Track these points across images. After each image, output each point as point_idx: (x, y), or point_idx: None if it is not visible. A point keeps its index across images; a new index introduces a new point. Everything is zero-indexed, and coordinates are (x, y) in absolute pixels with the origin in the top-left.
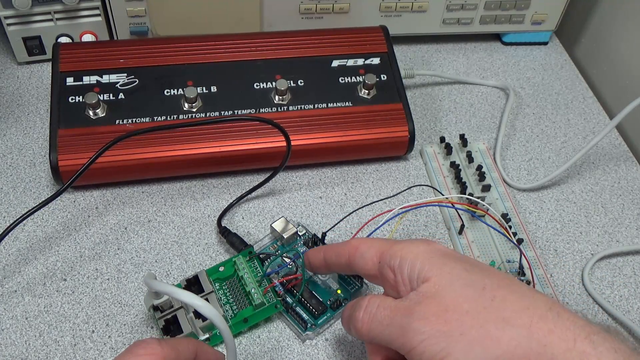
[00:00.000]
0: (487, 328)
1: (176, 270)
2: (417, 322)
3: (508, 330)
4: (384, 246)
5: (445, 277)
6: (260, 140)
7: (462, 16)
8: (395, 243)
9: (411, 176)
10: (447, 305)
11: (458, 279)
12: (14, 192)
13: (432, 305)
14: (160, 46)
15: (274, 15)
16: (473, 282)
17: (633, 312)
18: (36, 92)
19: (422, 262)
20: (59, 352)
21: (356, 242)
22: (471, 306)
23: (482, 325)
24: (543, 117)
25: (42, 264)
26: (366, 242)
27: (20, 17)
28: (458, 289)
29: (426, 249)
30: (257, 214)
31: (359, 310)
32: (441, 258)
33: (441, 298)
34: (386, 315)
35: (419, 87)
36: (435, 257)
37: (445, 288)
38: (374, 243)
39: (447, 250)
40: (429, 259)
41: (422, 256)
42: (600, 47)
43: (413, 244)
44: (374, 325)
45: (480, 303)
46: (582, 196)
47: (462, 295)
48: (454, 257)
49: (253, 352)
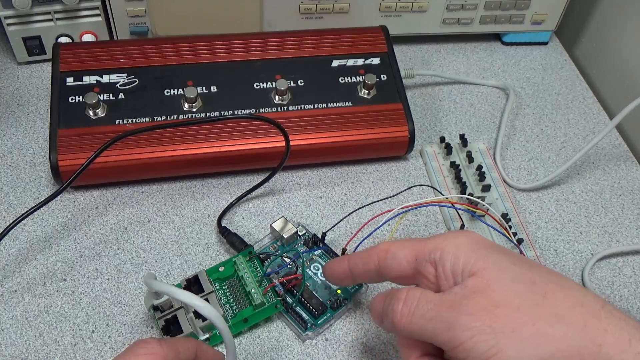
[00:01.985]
0: (540, 325)
1: (176, 270)
2: (465, 317)
3: (562, 327)
4: (417, 243)
5: (493, 271)
6: (260, 140)
7: (462, 16)
8: (430, 238)
9: (411, 176)
10: (497, 300)
11: (506, 273)
12: (14, 192)
13: (481, 299)
14: (160, 46)
15: (274, 15)
16: (522, 277)
17: (633, 312)
18: (36, 92)
19: (466, 254)
20: (59, 352)
21: (384, 246)
22: (522, 302)
23: (535, 322)
24: (543, 117)
25: (42, 264)
26: (396, 243)
27: (20, 17)
28: (507, 283)
29: (467, 240)
30: (257, 214)
31: (397, 303)
32: (485, 249)
33: (490, 292)
34: (429, 309)
35: (419, 87)
36: (479, 249)
37: (493, 282)
38: (405, 243)
39: (488, 242)
40: (474, 251)
41: (465, 248)
42: (600, 47)
43: (453, 235)
44: (415, 319)
45: (531, 299)
46: (582, 196)
47: (512, 290)
48: (498, 249)
49: (253, 352)
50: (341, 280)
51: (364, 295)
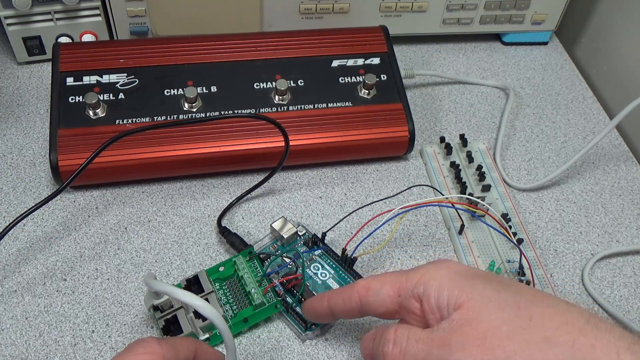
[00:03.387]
0: (530, 351)
1: (176, 270)
2: (457, 354)
3: (552, 350)
4: (398, 278)
5: (478, 301)
6: (260, 140)
7: (462, 16)
8: (411, 271)
9: (411, 176)
10: (484, 331)
11: (491, 301)
12: (14, 192)
13: (469, 333)
14: (160, 46)
15: (274, 15)
16: (507, 302)
17: (633, 312)
18: (36, 92)
19: (450, 287)
20: (59, 352)
21: (364, 283)
22: (510, 329)
23: (525, 349)
24: (543, 117)
25: (42, 264)
26: (376, 279)
27: (20, 17)
28: (493, 312)
29: (449, 272)
30: (257, 214)
31: (387, 345)
32: (468, 280)
33: (477, 324)
34: (420, 349)
35: (419, 87)
36: (461, 280)
37: (479, 313)
38: (386, 278)
39: (469, 270)
40: (456, 283)
41: (448, 280)
42: (600, 47)
43: (434, 267)
44: (407, 358)
45: (518, 324)
46: (582, 196)
47: (498, 318)
48: (480, 276)
49: (253, 352)
50: (321, 318)
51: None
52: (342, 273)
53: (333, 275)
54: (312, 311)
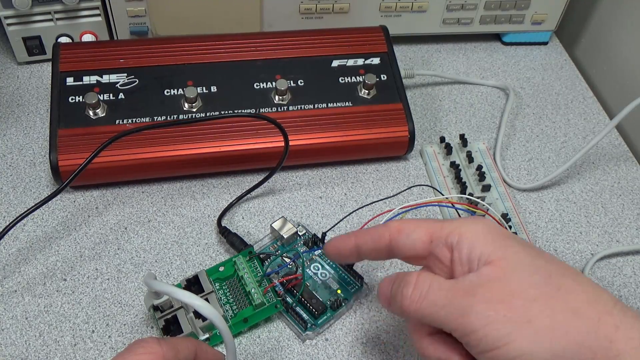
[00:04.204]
0: (555, 318)
1: (176, 270)
2: (480, 305)
3: (576, 322)
4: (433, 225)
5: (510, 261)
6: (260, 140)
7: (462, 16)
8: (448, 221)
9: (411, 176)
10: (512, 290)
11: (523, 264)
12: (14, 192)
13: (496, 289)
14: (160, 46)
15: (274, 15)
16: (539, 269)
17: None
18: (36, 92)
19: (484, 242)
20: (59, 352)
21: (398, 224)
22: (538, 293)
23: (550, 315)
24: (543, 117)
25: (42, 264)
26: (410, 222)
27: (20, 17)
28: (524, 274)
29: (486, 228)
30: (257, 214)
31: (407, 287)
32: (503, 239)
33: (506, 282)
34: (442, 296)
35: (419, 87)
36: (497, 238)
37: (510, 272)
38: (420, 223)
39: (506, 232)
40: (492, 240)
41: (483, 236)
42: (600, 47)
43: (472, 221)
44: (426, 304)
45: (547, 291)
46: (582, 196)
47: (528, 282)
48: (515, 239)
49: (253, 352)
50: (345, 257)
51: (364, 295)
52: (342, 273)
53: (333, 275)
54: (336, 249)
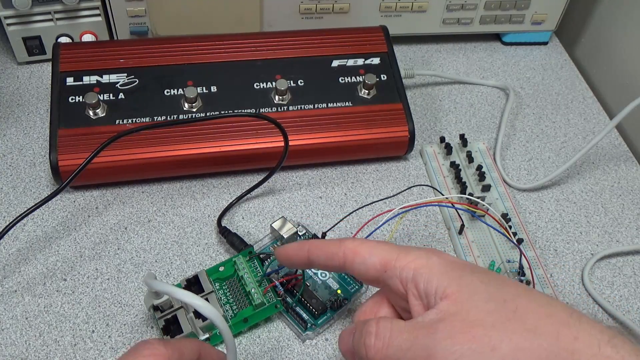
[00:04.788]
0: (516, 340)
1: (176, 270)
2: (445, 342)
3: (536, 340)
4: (388, 254)
5: (465, 293)
6: (260, 140)
7: (462, 16)
8: (402, 251)
9: (411, 176)
10: (472, 321)
11: (477, 293)
12: (14, 192)
13: (456, 322)
14: (160, 46)
15: (274, 15)
16: (492, 295)
17: (633, 312)
18: (36, 92)
19: (439, 277)
20: (59, 352)
21: (353, 246)
22: (496, 320)
23: (511, 338)
24: (543, 117)
25: (42, 264)
26: (366, 246)
27: (20, 17)
28: (480, 303)
29: (439, 262)
30: (257, 214)
31: (370, 337)
32: (456, 271)
33: (465, 314)
34: (405, 339)
35: (419, 87)
36: (450, 271)
37: (466, 304)
38: (376, 250)
39: (458, 261)
40: (446, 274)
41: (437, 270)
42: (600, 47)
43: (425, 255)
44: (391, 351)
45: (504, 315)
46: (582, 196)
47: (484, 310)
48: (468, 268)
49: (253, 352)
50: (294, 265)
51: (364, 295)
52: (342, 273)
53: (333, 275)
54: (287, 257)
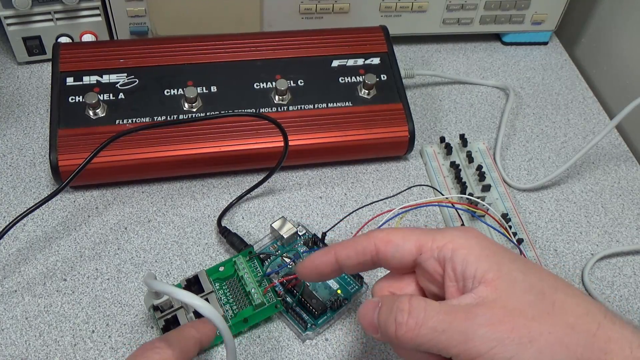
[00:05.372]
0: (555, 334)
1: (176, 270)
2: (483, 328)
3: (575, 336)
4: (423, 236)
5: (505, 280)
6: (260, 140)
7: (462, 16)
8: (437, 233)
9: (411, 176)
10: (511, 310)
11: (517, 283)
12: (14, 192)
13: (496, 310)
14: (160, 46)
15: (274, 15)
16: (532, 287)
17: (633, 312)
18: (36, 92)
19: (478, 259)
20: (59, 352)
21: (384, 235)
22: (535, 312)
23: (550, 332)
24: (543, 117)
25: (42, 264)
26: (397, 233)
27: (20, 17)
28: (519, 293)
29: (479, 244)
30: (257, 214)
31: (401, 314)
32: (496, 256)
33: (504, 303)
34: (441, 320)
35: (419, 87)
36: (490, 255)
37: (506, 292)
38: (409, 234)
39: (498, 247)
40: (486, 257)
41: (477, 252)
42: (600, 47)
43: (463, 235)
44: (424, 331)
45: (543, 308)
46: (582, 196)
47: (524, 301)
48: (507, 255)
49: (253, 352)
50: (325, 276)
51: (364, 295)
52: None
53: None
54: (314, 268)
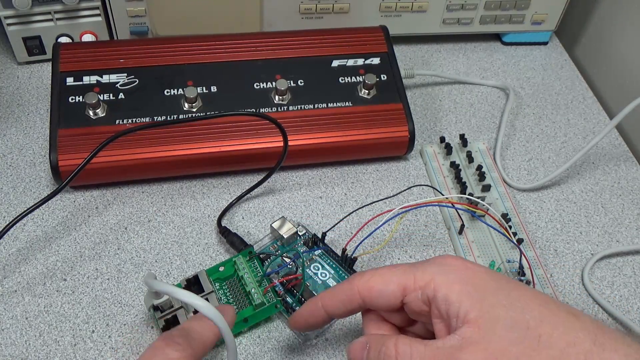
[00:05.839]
0: None
1: (176, 270)
2: None
3: None
4: (405, 276)
5: (487, 319)
6: (260, 140)
7: (462, 16)
8: (418, 270)
9: (411, 176)
10: (494, 351)
11: (499, 320)
12: (14, 192)
13: (479, 352)
14: (160, 46)
15: (274, 15)
16: (515, 323)
17: (633, 312)
18: (36, 92)
19: (459, 297)
20: (59, 352)
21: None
22: (520, 350)
23: None
24: (543, 117)
25: (42, 264)
26: (378, 277)
27: (20, 17)
28: (503, 332)
29: (458, 277)
30: (257, 214)
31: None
32: (477, 292)
33: (487, 344)
34: None
35: (419, 87)
36: (472, 292)
37: (489, 332)
38: (390, 276)
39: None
40: (467, 294)
41: (457, 289)
42: (600, 47)
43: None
44: None
45: (528, 345)
46: (582, 196)
47: (508, 340)
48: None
49: (253, 352)
50: (315, 325)
51: None
52: (342, 273)
53: (333, 275)
54: (305, 323)
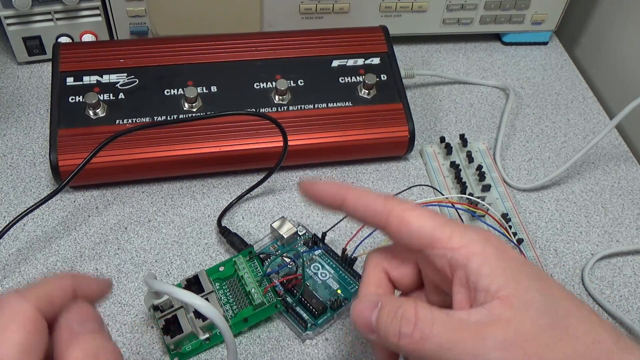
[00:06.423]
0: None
1: (176, 270)
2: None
3: None
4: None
5: (521, 300)
6: (260, 140)
7: (462, 16)
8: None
9: (411, 176)
10: (525, 334)
11: (533, 304)
12: (14, 191)
13: (509, 332)
14: (160, 46)
15: (274, 15)
16: (548, 309)
17: (633, 312)
18: (36, 92)
19: (493, 272)
20: None
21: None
22: (549, 338)
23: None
24: (543, 117)
25: (42, 264)
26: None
27: (20, 17)
28: (535, 316)
29: (496, 254)
30: (257, 214)
31: (407, 326)
32: (513, 271)
33: (518, 324)
34: (448, 338)
35: (419, 87)
36: (507, 269)
37: (522, 313)
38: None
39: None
40: (502, 271)
41: (492, 263)
42: (600, 47)
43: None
44: (429, 345)
45: (557, 334)
46: (582, 196)
47: (540, 324)
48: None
49: (253, 352)
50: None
51: None
52: (342, 273)
53: (333, 275)
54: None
